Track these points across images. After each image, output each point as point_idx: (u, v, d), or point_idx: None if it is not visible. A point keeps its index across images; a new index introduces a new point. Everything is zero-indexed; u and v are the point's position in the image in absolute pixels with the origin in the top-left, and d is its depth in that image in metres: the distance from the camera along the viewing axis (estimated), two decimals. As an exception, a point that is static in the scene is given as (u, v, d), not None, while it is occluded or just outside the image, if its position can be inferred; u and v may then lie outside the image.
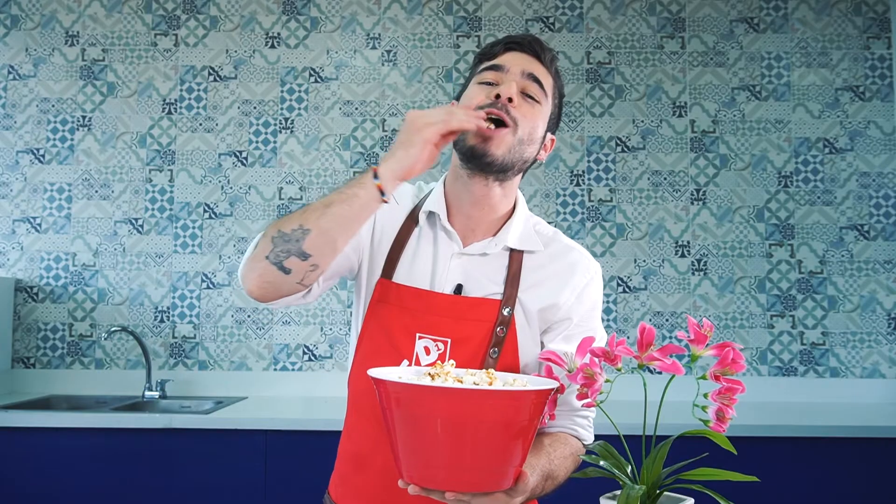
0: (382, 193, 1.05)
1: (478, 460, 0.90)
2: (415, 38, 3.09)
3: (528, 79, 1.15)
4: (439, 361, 1.08)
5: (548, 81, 1.18)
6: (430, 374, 0.97)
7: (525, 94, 1.15)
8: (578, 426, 1.22)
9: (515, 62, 1.16)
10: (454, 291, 1.17)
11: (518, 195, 1.26)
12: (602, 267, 1.29)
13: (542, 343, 1.22)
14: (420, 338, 1.15)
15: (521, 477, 0.94)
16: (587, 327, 1.21)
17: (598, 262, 1.27)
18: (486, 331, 1.16)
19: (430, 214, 1.22)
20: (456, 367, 1.03)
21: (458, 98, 1.22)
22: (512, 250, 1.21)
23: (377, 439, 1.17)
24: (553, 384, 0.96)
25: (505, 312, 1.16)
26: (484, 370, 1.01)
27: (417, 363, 1.15)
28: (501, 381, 0.98)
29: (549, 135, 1.22)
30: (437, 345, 1.15)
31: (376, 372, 0.95)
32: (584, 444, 1.22)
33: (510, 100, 1.12)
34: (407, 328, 1.16)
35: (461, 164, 1.17)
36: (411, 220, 1.23)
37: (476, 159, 1.13)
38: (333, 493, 1.26)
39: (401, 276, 1.19)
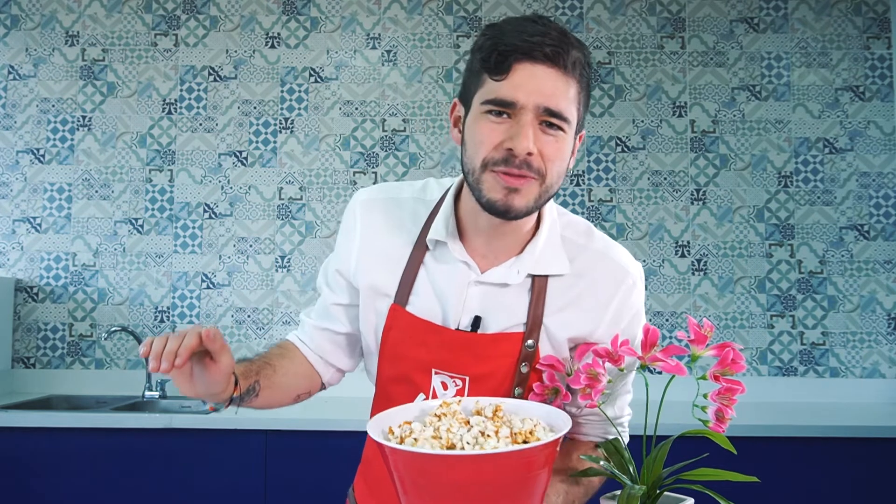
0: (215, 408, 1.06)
1: None
2: (415, 38, 3.09)
3: (546, 114, 0.96)
4: (456, 397, 1.01)
5: (571, 95, 0.98)
6: (436, 414, 0.90)
7: (546, 124, 0.98)
8: (610, 436, 1.14)
9: (530, 91, 0.95)
10: (472, 324, 1.07)
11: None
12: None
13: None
14: (436, 373, 1.07)
15: None
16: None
17: (637, 263, 1.14)
18: (508, 367, 1.06)
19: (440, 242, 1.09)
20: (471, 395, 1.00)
21: (460, 97, 1.06)
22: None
23: None
24: (563, 428, 0.87)
25: (528, 346, 1.06)
26: (492, 407, 0.92)
27: (434, 397, 1.08)
28: (507, 425, 0.89)
29: (576, 137, 1.06)
30: (454, 381, 1.07)
31: (375, 430, 0.87)
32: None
33: (529, 153, 0.96)
34: (422, 363, 1.08)
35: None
36: (421, 245, 1.10)
37: (498, 215, 1.00)
38: (357, 490, 1.23)
39: (414, 305, 1.10)
